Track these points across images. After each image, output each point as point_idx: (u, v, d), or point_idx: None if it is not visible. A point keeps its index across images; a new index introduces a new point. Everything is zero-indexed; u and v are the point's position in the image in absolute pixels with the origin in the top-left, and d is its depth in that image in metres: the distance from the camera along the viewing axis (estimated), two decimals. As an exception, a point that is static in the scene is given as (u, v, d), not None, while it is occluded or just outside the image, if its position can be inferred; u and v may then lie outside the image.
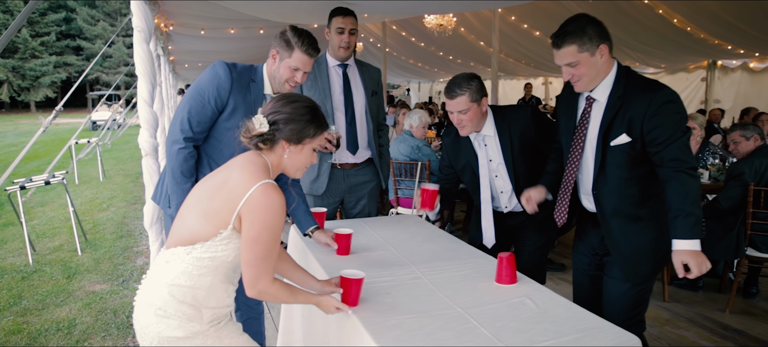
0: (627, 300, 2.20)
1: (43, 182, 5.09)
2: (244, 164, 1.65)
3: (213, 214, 1.61)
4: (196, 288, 1.62)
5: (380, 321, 1.71)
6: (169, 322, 1.59)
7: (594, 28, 2.02)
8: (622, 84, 2.06)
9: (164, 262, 1.64)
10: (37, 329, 3.49)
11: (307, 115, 1.70)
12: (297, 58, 2.23)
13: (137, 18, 2.72)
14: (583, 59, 2.04)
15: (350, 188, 3.12)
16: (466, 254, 2.41)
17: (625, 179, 2.09)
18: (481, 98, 2.51)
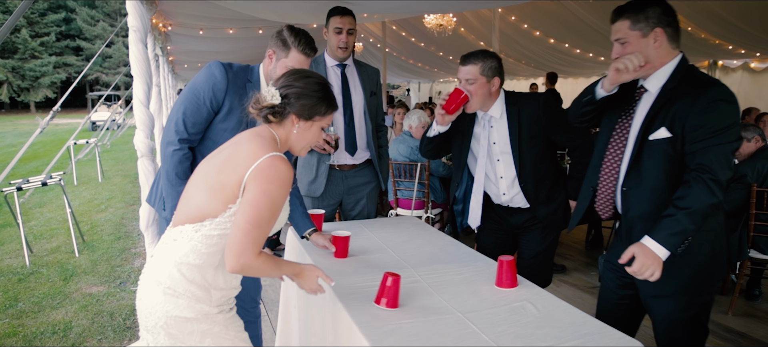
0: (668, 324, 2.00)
1: (41, 183, 5.05)
2: (252, 137, 1.62)
3: (219, 188, 1.57)
4: (205, 267, 1.59)
5: (378, 325, 1.67)
6: (178, 302, 1.57)
7: (656, 10, 1.87)
8: (677, 77, 1.89)
9: (172, 240, 1.61)
10: (32, 331, 3.46)
11: (320, 92, 1.69)
12: (294, 58, 2.20)
13: (133, 17, 2.69)
14: (632, 38, 1.90)
15: (349, 190, 3.09)
16: (466, 256, 2.37)
17: (661, 182, 1.91)
18: (493, 77, 2.48)
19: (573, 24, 8.86)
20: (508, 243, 2.76)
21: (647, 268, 1.76)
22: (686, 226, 1.75)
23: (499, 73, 2.51)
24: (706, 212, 1.76)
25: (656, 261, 1.76)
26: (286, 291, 2.76)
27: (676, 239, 1.76)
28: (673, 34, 1.90)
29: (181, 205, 1.66)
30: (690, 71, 1.91)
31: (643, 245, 1.78)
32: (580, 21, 8.64)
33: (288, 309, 2.76)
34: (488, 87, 2.49)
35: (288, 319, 2.76)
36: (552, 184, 2.62)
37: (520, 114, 2.53)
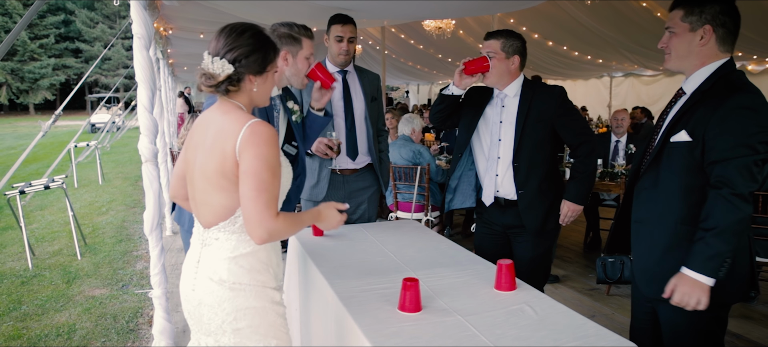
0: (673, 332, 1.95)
1: (43, 186, 5.09)
2: (221, 118, 1.62)
3: (226, 180, 1.60)
4: (257, 251, 1.67)
5: (380, 328, 1.71)
6: (247, 294, 1.63)
7: (713, 7, 1.79)
8: (713, 80, 1.81)
9: (213, 240, 1.66)
10: (37, 334, 3.50)
11: (263, 39, 1.65)
12: (307, 46, 2.32)
13: (137, 25, 2.73)
14: (680, 30, 1.84)
15: (350, 194, 3.13)
16: (465, 260, 2.41)
17: (674, 188, 1.86)
18: (513, 55, 2.55)
19: (572, 27, 8.92)
20: (504, 247, 2.78)
21: (691, 297, 1.73)
22: (719, 248, 1.70)
23: (520, 54, 2.58)
24: (736, 229, 1.70)
25: (699, 288, 1.72)
26: (288, 294, 2.80)
27: (713, 263, 1.71)
28: (726, 36, 1.81)
29: (202, 210, 1.68)
30: (729, 76, 1.81)
31: (682, 275, 1.76)
32: (579, 24, 8.69)
33: (289, 313, 2.80)
34: (507, 64, 2.56)
35: (289, 322, 2.80)
36: (544, 177, 2.62)
37: (533, 98, 2.59)
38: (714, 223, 1.71)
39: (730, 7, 1.80)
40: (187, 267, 1.73)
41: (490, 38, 2.59)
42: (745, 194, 1.69)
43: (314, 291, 2.34)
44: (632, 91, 13.77)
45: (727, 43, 1.83)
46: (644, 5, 7.54)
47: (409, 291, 1.83)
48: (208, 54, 1.61)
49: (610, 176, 4.58)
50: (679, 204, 1.85)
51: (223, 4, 4.45)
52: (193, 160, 1.69)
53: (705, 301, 1.72)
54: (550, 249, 2.79)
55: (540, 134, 2.58)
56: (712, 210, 1.71)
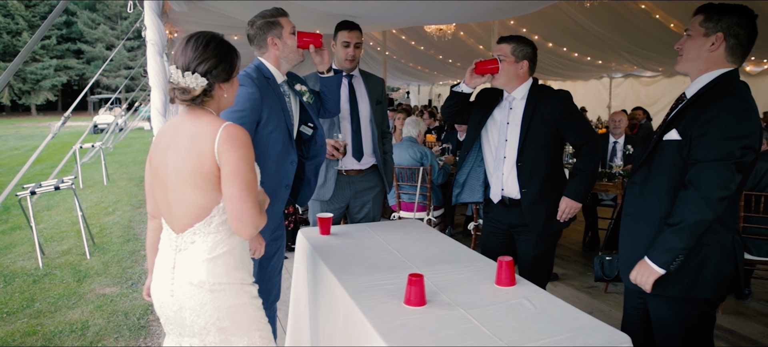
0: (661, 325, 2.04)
1: (53, 187, 5.19)
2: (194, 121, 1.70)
3: (203, 180, 1.66)
4: (233, 249, 1.74)
5: (387, 320, 1.82)
6: (227, 293, 1.71)
7: (731, 18, 1.85)
8: (712, 86, 1.89)
9: (189, 243, 1.70)
10: (51, 330, 3.60)
11: (226, 47, 1.72)
12: (286, 23, 2.39)
13: (151, 32, 2.83)
14: (696, 33, 1.92)
15: (355, 194, 3.24)
16: (467, 257, 2.52)
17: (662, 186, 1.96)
18: (522, 60, 2.68)
19: (572, 29, 9.03)
20: (509, 245, 2.89)
21: (641, 277, 1.93)
22: (674, 243, 1.82)
23: (529, 59, 2.70)
24: (695, 230, 1.79)
25: (649, 273, 1.90)
26: (297, 290, 2.90)
27: (666, 257, 1.84)
28: (736, 47, 1.87)
29: (176, 211, 1.72)
30: (725, 83, 1.88)
31: (643, 260, 1.93)
32: (579, 26, 8.80)
33: (298, 308, 2.91)
34: (516, 67, 2.69)
35: (298, 318, 2.90)
36: (547, 177, 2.72)
37: (538, 101, 2.70)
38: (676, 220, 1.83)
39: (748, 21, 1.86)
40: (160, 274, 1.76)
41: (502, 42, 2.72)
42: (712, 199, 1.77)
43: (323, 287, 2.44)
44: (632, 92, 13.87)
45: (735, 55, 1.89)
46: (643, 7, 7.64)
47: (414, 286, 1.93)
48: (177, 68, 1.67)
49: (608, 176, 4.68)
50: (666, 201, 1.94)
51: (229, 8, 4.55)
52: (164, 163, 1.73)
53: (649, 284, 1.91)
54: (552, 249, 2.88)
55: (544, 135, 2.69)
56: (679, 207, 1.83)
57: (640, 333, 2.20)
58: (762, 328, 3.61)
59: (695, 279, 1.91)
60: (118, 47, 9.53)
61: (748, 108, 1.81)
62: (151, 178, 1.82)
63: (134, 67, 35.35)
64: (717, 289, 1.94)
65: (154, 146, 1.80)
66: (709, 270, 1.91)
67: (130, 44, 36.91)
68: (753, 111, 1.82)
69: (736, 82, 1.89)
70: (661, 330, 2.06)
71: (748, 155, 1.79)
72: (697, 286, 1.92)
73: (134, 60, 38.12)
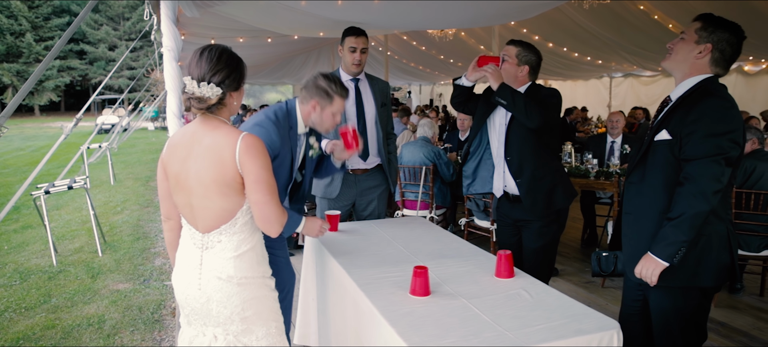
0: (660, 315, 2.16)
1: (67, 186, 5.34)
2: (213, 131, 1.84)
3: (227, 186, 1.82)
4: (256, 246, 1.94)
5: (395, 309, 1.96)
6: (251, 286, 1.90)
7: (724, 32, 1.99)
8: (695, 89, 2.02)
9: (216, 242, 1.87)
10: (69, 324, 3.75)
11: (235, 59, 1.88)
12: (337, 104, 2.55)
13: (167, 38, 2.97)
14: (689, 37, 2.04)
15: (361, 192, 3.39)
16: (468, 252, 2.66)
17: (658, 183, 2.07)
18: (523, 65, 2.83)
19: (572, 29, 9.14)
20: (517, 237, 3.02)
21: (647, 271, 2.03)
22: (676, 237, 1.94)
23: (530, 65, 2.85)
24: (694, 222, 1.92)
25: (656, 265, 2.00)
26: (305, 283, 3.04)
27: (669, 250, 1.96)
28: (720, 60, 2.02)
29: (201, 214, 1.86)
30: (707, 84, 2.02)
31: (647, 255, 2.03)
32: (579, 27, 8.92)
33: (307, 302, 3.05)
34: (516, 70, 2.85)
35: (307, 311, 3.04)
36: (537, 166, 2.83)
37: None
38: (676, 213, 1.96)
39: (737, 39, 2.02)
40: (186, 270, 1.91)
41: (511, 44, 2.88)
42: (707, 192, 1.91)
43: (332, 280, 2.58)
44: (631, 91, 13.98)
45: (718, 66, 2.05)
46: (641, 8, 7.76)
47: (419, 277, 2.08)
48: (192, 79, 1.80)
49: (605, 175, 4.81)
50: (663, 197, 2.06)
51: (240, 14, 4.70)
52: (185, 171, 1.86)
53: (655, 277, 2.01)
54: (553, 243, 2.96)
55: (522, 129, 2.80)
56: (677, 203, 1.96)
57: (637, 323, 2.33)
58: (753, 320, 3.74)
59: (696, 268, 2.03)
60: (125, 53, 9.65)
61: (731, 106, 1.96)
62: (166, 183, 1.96)
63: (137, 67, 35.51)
64: (716, 277, 2.06)
65: (169, 154, 1.93)
66: (709, 259, 2.03)
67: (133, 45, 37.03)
68: (735, 109, 1.97)
69: (717, 85, 2.04)
70: (659, 320, 2.19)
71: (734, 149, 1.93)
72: (699, 275, 2.04)
73: (137, 61, 38.29)
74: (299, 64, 14.85)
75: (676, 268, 2.02)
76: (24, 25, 36.05)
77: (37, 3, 37.63)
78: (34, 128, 27.37)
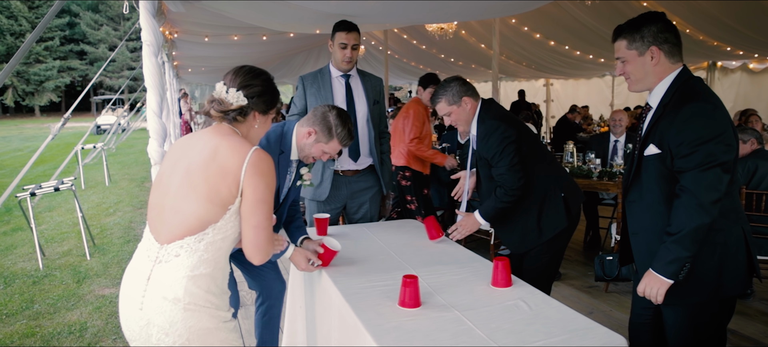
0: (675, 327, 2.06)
1: (53, 188, 5.20)
2: (223, 136, 1.70)
3: (215, 194, 1.61)
4: (215, 273, 1.65)
5: (381, 323, 1.80)
6: (201, 314, 1.60)
7: (651, 28, 1.93)
8: (672, 92, 1.94)
9: (173, 256, 1.60)
10: (50, 332, 3.60)
11: (273, 86, 1.85)
12: (333, 146, 2.40)
13: (146, 32, 2.83)
14: (630, 57, 1.99)
15: (352, 194, 3.22)
16: (464, 258, 2.50)
17: (656, 197, 1.98)
18: (461, 99, 2.65)
19: (573, 26, 8.98)
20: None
21: (652, 290, 1.92)
22: (678, 253, 1.83)
23: (465, 93, 2.65)
24: (695, 236, 1.81)
25: (660, 283, 1.89)
26: (293, 292, 2.89)
27: (672, 267, 1.85)
28: (671, 49, 1.95)
29: (168, 218, 1.64)
30: (685, 85, 1.93)
31: (649, 272, 1.92)
32: (580, 24, 8.75)
33: (294, 310, 2.89)
34: (461, 110, 2.67)
35: (294, 319, 2.89)
36: None
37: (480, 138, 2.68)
38: (675, 229, 1.84)
39: (666, 23, 1.95)
40: (130, 285, 1.66)
41: (436, 103, 2.70)
42: (705, 203, 1.79)
43: (318, 289, 2.43)
44: (634, 89, 13.80)
45: (675, 55, 1.96)
46: (645, 5, 7.60)
47: (408, 288, 1.92)
48: (224, 85, 1.76)
49: (609, 175, 4.65)
50: (665, 211, 1.95)
51: (227, 8, 4.55)
52: (171, 169, 1.71)
53: (661, 296, 1.91)
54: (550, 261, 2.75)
55: (486, 169, 2.70)
56: (675, 217, 1.85)
57: (648, 333, 2.20)
58: (764, 328, 3.58)
59: (718, 279, 1.92)
60: (118, 47, 9.51)
61: (714, 108, 1.85)
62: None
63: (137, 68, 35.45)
64: (741, 284, 1.96)
65: (168, 153, 1.81)
66: (729, 268, 1.92)
67: (133, 45, 37.02)
68: (719, 109, 1.86)
69: (694, 83, 1.93)
70: (675, 332, 2.06)
71: (727, 153, 1.82)
72: (723, 286, 1.94)
73: (137, 61, 38.21)
74: (299, 63, 14.72)
75: (695, 284, 1.93)
76: (24, 26, 36.01)
77: (37, 3, 37.60)
78: (33, 128, 27.29)
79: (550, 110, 15.08)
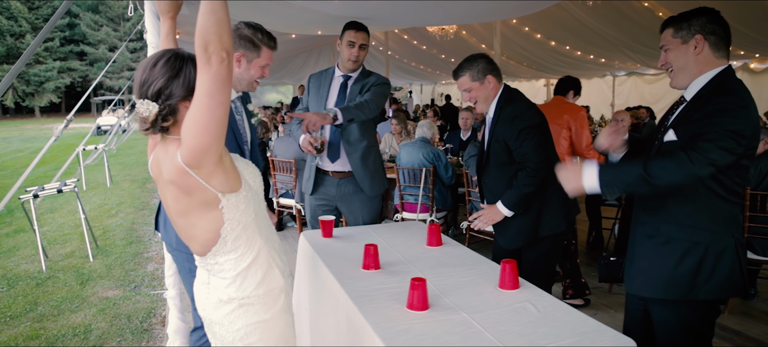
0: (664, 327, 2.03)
1: (56, 190, 5.19)
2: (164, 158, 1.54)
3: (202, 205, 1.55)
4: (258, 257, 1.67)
5: (390, 325, 1.80)
6: (256, 308, 1.67)
7: (700, 19, 1.90)
8: (711, 86, 1.90)
9: (213, 264, 1.65)
10: (54, 334, 3.60)
11: (177, 62, 1.50)
12: (266, 55, 2.28)
13: (151, 34, 2.83)
14: (673, 45, 1.96)
15: (342, 197, 3.24)
16: (470, 260, 2.50)
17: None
18: (485, 77, 2.64)
19: (574, 27, 8.99)
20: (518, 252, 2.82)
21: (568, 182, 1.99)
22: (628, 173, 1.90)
23: (490, 72, 2.65)
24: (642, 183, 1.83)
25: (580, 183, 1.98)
26: (298, 293, 2.89)
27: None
28: (718, 43, 1.90)
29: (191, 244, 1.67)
30: (727, 78, 1.89)
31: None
32: (582, 24, 8.76)
33: (299, 311, 2.89)
34: (484, 88, 2.66)
35: (299, 322, 2.89)
36: None
37: (498, 119, 2.66)
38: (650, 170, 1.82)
39: (716, 16, 1.91)
40: (198, 287, 1.76)
41: (458, 76, 2.69)
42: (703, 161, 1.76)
43: (324, 291, 2.42)
44: (635, 90, 13.84)
45: (721, 49, 1.91)
46: (646, 5, 7.61)
47: (417, 290, 1.92)
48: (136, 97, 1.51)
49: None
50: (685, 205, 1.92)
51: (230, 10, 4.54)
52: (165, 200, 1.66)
53: None
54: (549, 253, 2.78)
55: (500, 155, 2.67)
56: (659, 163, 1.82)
57: (639, 334, 2.18)
58: (768, 328, 3.58)
59: (693, 280, 1.91)
60: (120, 49, 9.51)
61: (745, 106, 1.82)
62: None
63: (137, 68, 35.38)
64: (717, 290, 1.92)
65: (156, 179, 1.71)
66: (706, 272, 1.91)
67: (133, 46, 37.00)
68: (749, 109, 1.82)
69: (734, 81, 1.89)
70: (663, 332, 2.05)
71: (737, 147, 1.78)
72: (697, 288, 1.92)
73: (137, 61, 38.19)
74: (299, 64, 14.73)
75: (674, 280, 1.93)
76: (24, 27, 35.98)
77: (37, 4, 37.58)
78: (34, 129, 27.28)
79: (551, 110, 15.07)
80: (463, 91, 2.69)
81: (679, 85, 2.00)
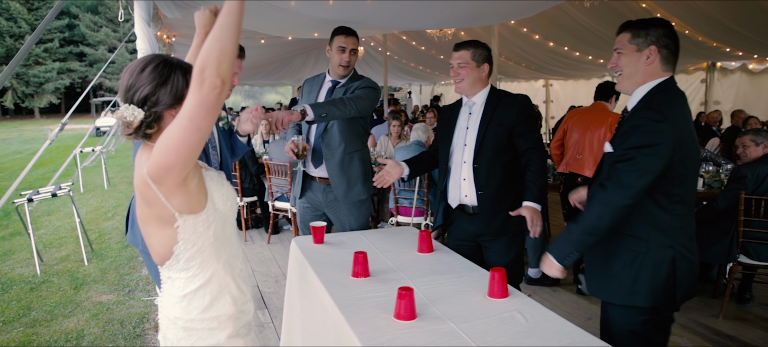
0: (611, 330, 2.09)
1: (51, 194, 5.18)
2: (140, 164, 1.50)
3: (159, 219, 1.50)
4: (208, 283, 1.58)
5: (376, 336, 1.79)
6: (199, 334, 1.58)
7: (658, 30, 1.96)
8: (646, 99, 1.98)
9: (167, 278, 1.59)
10: (46, 340, 3.59)
11: (166, 69, 1.48)
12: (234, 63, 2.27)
13: (141, 40, 2.82)
14: (627, 50, 2.01)
15: (328, 204, 3.23)
16: (461, 267, 2.49)
17: None
18: (483, 64, 2.71)
19: (572, 28, 8.97)
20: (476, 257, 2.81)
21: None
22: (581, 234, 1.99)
23: (489, 62, 2.73)
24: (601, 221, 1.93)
25: None
26: (290, 300, 2.87)
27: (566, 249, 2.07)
28: (668, 56, 1.97)
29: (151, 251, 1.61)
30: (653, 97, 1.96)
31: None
32: (579, 25, 8.74)
33: (291, 318, 2.88)
34: (478, 72, 2.72)
35: (291, 328, 2.87)
36: (504, 180, 2.71)
37: (497, 105, 2.71)
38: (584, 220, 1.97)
39: (671, 30, 1.98)
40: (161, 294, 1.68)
41: (460, 49, 2.73)
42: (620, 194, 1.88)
43: (315, 299, 2.41)
44: (633, 90, 13.80)
45: (669, 63, 1.99)
46: (644, 6, 7.59)
47: (404, 300, 1.90)
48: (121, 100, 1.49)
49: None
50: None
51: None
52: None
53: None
54: (520, 253, 2.83)
55: (500, 139, 2.69)
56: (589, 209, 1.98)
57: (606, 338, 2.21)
58: (763, 334, 3.56)
59: (632, 286, 1.98)
60: (118, 49, 9.50)
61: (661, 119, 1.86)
62: None
63: (136, 69, 35.36)
64: (653, 298, 1.97)
65: None
66: (644, 279, 1.96)
67: (132, 46, 36.95)
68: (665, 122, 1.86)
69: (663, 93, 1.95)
70: (616, 334, 2.10)
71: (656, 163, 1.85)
72: (635, 294, 1.98)
73: (137, 62, 38.19)
74: (298, 65, 14.72)
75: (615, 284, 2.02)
76: (23, 27, 35.98)
77: (36, 5, 37.58)
78: (33, 130, 27.27)
79: (550, 110, 15.08)
80: (457, 63, 2.73)
81: (625, 90, 2.07)
